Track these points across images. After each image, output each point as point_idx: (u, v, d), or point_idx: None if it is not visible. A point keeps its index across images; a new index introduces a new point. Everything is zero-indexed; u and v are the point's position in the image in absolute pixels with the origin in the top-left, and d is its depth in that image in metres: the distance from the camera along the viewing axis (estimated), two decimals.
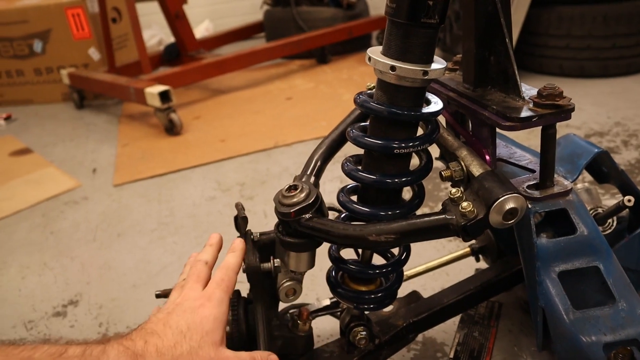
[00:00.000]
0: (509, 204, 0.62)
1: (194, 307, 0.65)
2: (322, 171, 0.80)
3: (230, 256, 0.76)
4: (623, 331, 0.65)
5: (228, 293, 0.69)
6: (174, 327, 0.61)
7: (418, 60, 0.65)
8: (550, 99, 0.64)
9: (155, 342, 0.59)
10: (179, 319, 0.63)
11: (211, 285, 0.70)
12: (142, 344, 0.58)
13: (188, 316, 0.63)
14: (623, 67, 2.54)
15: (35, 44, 3.16)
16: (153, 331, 0.61)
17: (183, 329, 0.61)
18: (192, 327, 0.62)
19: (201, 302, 0.65)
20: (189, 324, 0.62)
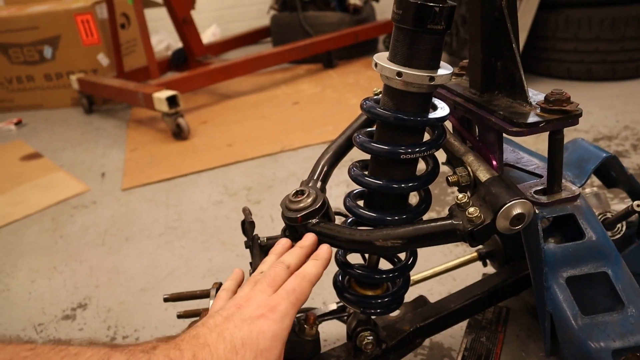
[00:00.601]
0: (516, 209, 0.62)
1: (254, 317, 0.59)
2: (328, 176, 0.80)
3: (311, 265, 0.67)
4: (632, 337, 0.64)
5: (296, 306, 0.62)
6: (227, 340, 0.56)
7: (424, 66, 0.65)
8: (557, 104, 0.64)
9: (204, 358, 0.54)
10: (235, 331, 0.57)
11: (280, 293, 0.62)
12: (190, 357, 0.53)
13: (245, 328, 0.57)
14: (631, 70, 2.52)
15: (45, 50, 3.19)
16: (205, 344, 0.55)
17: (237, 345, 0.56)
18: (247, 344, 0.56)
19: (263, 313, 0.59)
20: (244, 339, 0.56)
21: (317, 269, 0.67)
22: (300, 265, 0.68)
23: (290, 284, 0.64)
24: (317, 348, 0.85)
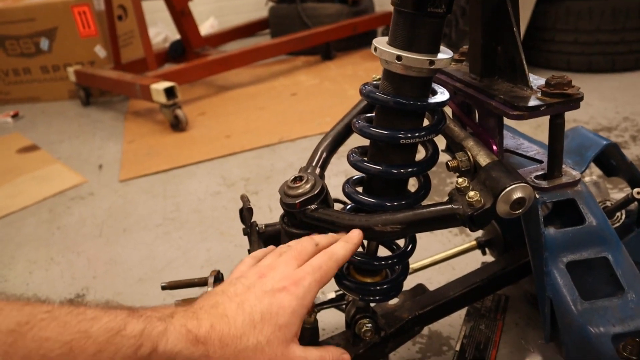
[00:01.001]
0: (516, 193, 0.61)
1: (275, 290, 0.57)
2: (327, 163, 0.80)
3: (340, 246, 0.64)
4: (632, 322, 0.64)
5: (320, 284, 0.60)
6: (247, 312, 0.54)
7: (424, 50, 0.64)
8: (558, 87, 0.64)
9: (222, 329, 0.53)
10: (256, 303, 0.55)
11: (305, 268, 0.60)
12: (208, 327, 0.52)
13: (266, 301, 0.55)
14: (632, 61, 2.51)
15: (42, 41, 3.17)
16: (223, 314, 0.54)
17: (256, 319, 0.54)
18: (266, 318, 0.54)
19: (285, 285, 0.57)
20: (263, 313, 0.55)
21: (345, 251, 0.64)
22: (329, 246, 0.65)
23: (317, 260, 0.62)
24: (315, 336, 0.84)
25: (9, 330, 0.43)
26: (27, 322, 0.44)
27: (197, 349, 0.51)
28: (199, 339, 0.51)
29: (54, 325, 0.45)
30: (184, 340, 0.51)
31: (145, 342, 0.48)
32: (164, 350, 0.49)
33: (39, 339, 0.44)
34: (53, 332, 0.45)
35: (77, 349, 0.45)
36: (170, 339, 0.50)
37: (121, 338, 0.47)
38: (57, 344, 0.44)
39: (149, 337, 0.49)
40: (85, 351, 0.45)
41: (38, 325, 0.44)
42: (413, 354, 1.03)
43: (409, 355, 1.03)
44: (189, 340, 0.51)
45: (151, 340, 0.49)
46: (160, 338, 0.49)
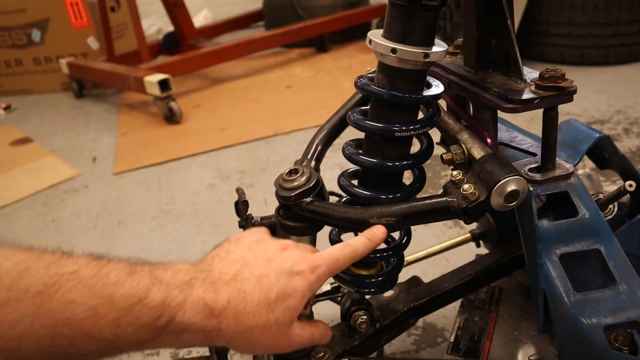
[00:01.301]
0: (510, 186, 0.62)
1: (293, 273, 0.58)
2: (322, 155, 0.80)
3: (362, 242, 0.65)
4: (624, 313, 0.65)
5: (331, 275, 0.62)
6: (264, 290, 0.55)
7: (419, 43, 0.64)
8: (552, 81, 0.64)
9: (238, 305, 0.54)
10: (274, 282, 0.56)
11: (324, 255, 0.61)
12: (225, 302, 0.53)
13: (282, 281, 0.56)
14: (625, 54, 2.52)
15: (33, 33, 3.14)
16: (242, 289, 0.55)
17: (271, 298, 0.55)
18: (280, 298, 0.56)
19: (303, 270, 0.58)
20: (279, 293, 0.56)
21: (365, 248, 0.65)
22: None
23: (335, 250, 0.63)
24: None
25: (37, 292, 0.43)
26: (54, 284, 0.45)
27: (210, 322, 0.53)
28: (214, 313, 0.53)
29: (79, 287, 0.46)
30: (200, 313, 0.52)
31: (164, 313, 0.50)
32: (180, 322, 0.51)
33: (64, 301, 0.45)
34: (78, 295, 0.45)
35: (100, 314, 0.46)
36: (187, 312, 0.51)
37: (142, 307, 0.48)
38: (82, 308, 0.45)
39: (167, 308, 0.50)
40: (107, 316, 0.46)
41: (64, 286, 0.45)
42: (408, 345, 1.04)
43: (403, 346, 1.04)
44: (205, 314, 0.52)
45: (169, 311, 0.50)
46: (178, 310, 0.51)
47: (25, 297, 0.43)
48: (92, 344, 0.47)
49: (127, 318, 0.48)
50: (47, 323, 0.44)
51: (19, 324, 0.43)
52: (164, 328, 0.50)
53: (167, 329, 0.50)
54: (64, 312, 0.44)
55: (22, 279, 0.43)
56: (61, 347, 0.45)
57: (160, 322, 0.49)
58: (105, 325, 0.47)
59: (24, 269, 0.44)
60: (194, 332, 0.52)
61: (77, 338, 0.45)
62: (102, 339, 0.47)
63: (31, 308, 0.43)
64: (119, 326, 0.47)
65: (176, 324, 0.51)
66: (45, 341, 0.44)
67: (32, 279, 0.44)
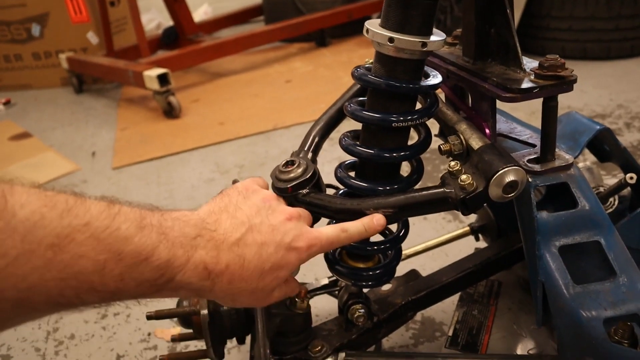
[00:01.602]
0: (509, 176, 0.61)
1: (291, 247, 0.60)
2: (319, 147, 0.79)
3: (357, 227, 0.65)
4: (624, 306, 0.64)
5: (317, 254, 0.63)
6: (262, 260, 0.58)
7: (417, 32, 0.63)
8: (551, 70, 0.63)
9: (234, 271, 0.56)
10: (272, 254, 0.58)
11: (322, 236, 0.63)
12: (223, 267, 0.55)
13: (280, 254, 0.59)
14: (626, 49, 2.51)
15: (33, 27, 3.13)
16: (242, 255, 0.57)
17: (265, 268, 0.58)
18: (273, 269, 0.59)
19: (300, 246, 0.60)
20: (273, 264, 0.58)
21: (359, 236, 0.65)
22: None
23: (332, 233, 0.64)
24: (308, 322, 0.84)
25: (49, 244, 0.43)
26: (66, 236, 0.44)
27: (205, 283, 0.55)
28: (211, 275, 0.55)
29: (90, 241, 0.46)
30: (198, 275, 0.54)
31: (166, 272, 0.51)
32: (180, 281, 0.53)
33: (75, 254, 0.45)
34: (88, 249, 0.46)
35: (107, 268, 0.47)
36: (187, 273, 0.53)
37: (146, 265, 0.50)
38: (91, 262, 0.46)
39: (170, 268, 0.52)
40: (113, 271, 0.47)
41: (76, 239, 0.45)
42: (406, 339, 1.03)
43: (402, 340, 1.03)
44: (202, 277, 0.54)
45: (171, 272, 0.52)
46: (179, 270, 0.52)
47: (38, 249, 0.43)
48: (96, 295, 0.48)
49: (132, 274, 0.49)
50: (57, 276, 0.44)
51: (30, 276, 0.43)
52: (164, 285, 0.52)
53: (166, 286, 0.52)
54: (74, 265, 0.45)
55: (36, 229, 0.43)
56: (67, 298, 0.46)
57: (162, 280, 0.51)
58: (111, 279, 0.47)
59: (39, 219, 0.43)
60: (189, 290, 0.55)
61: (83, 290, 0.46)
62: (106, 292, 0.48)
63: (43, 260, 0.43)
64: (123, 280, 0.48)
65: (175, 282, 0.53)
66: (54, 292, 0.45)
67: (46, 230, 0.44)
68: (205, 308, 0.81)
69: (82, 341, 1.19)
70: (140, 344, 1.16)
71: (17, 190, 0.44)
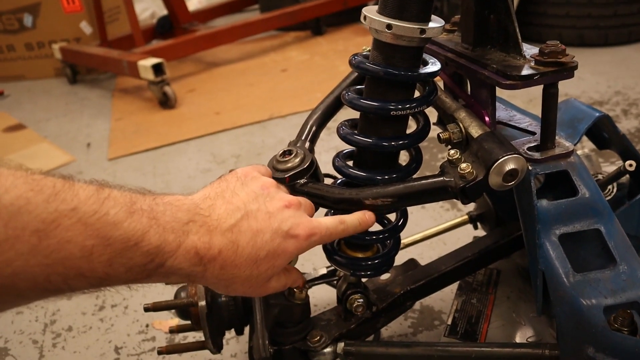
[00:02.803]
0: (509, 164, 0.60)
1: (289, 236, 0.58)
2: (317, 136, 0.78)
3: (354, 222, 0.65)
4: (624, 294, 0.63)
5: (318, 244, 0.62)
6: (257, 247, 0.56)
7: (415, 19, 0.62)
8: (552, 56, 0.62)
9: (227, 257, 0.55)
10: (268, 241, 0.57)
11: (321, 226, 0.61)
12: (215, 253, 0.54)
13: (276, 242, 0.57)
14: (624, 35, 2.50)
15: (25, 18, 3.09)
16: (236, 241, 0.55)
17: (260, 256, 0.56)
18: (269, 257, 0.57)
19: (299, 234, 0.59)
20: (269, 252, 0.57)
21: (354, 231, 0.65)
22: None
23: (331, 224, 0.63)
24: (307, 312, 0.84)
25: (34, 230, 0.42)
26: (52, 221, 0.43)
27: (197, 268, 0.54)
28: (202, 261, 0.54)
29: (77, 226, 0.45)
30: (189, 260, 0.53)
31: (155, 258, 0.50)
32: (170, 266, 0.52)
33: (61, 240, 0.44)
34: (75, 234, 0.44)
35: (95, 254, 0.46)
36: (178, 258, 0.52)
37: (136, 250, 0.49)
38: (78, 247, 0.45)
39: (160, 254, 0.50)
40: (101, 257, 0.46)
41: (63, 224, 0.44)
42: (405, 328, 1.03)
43: (401, 329, 1.03)
44: (194, 262, 0.53)
45: (161, 257, 0.51)
46: (170, 256, 0.51)
47: (23, 234, 0.42)
48: (84, 281, 0.47)
49: (121, 259, 0.48)
50: (43, 261, 0.43)
51: (14, 262, 0.42)
52: (154, 270, 0.51)
53: (156, 271, 0.51)
54: (60, 251, 0.44)
55: (21, 215, 0.42)
56: (54, 284, 0.45)
57: (152, 265, 0.50)
58: (99, 265, 0.47)
59: (24, 204, 0.42)
60: (180, 275, 0.54)
61: (71, 276, 0.45)
62: (94, 277, 0.47)
63: (28, 246, 0.42)
64: (112, 266, 0.47)
65: (166, 267, 0.51)
66: (40, 278, 0.44)
67: (31, 215, 0.42)
68: (203, 299, 0.81)
69: (80, 333, 1.19)
70: (138, 336, 1.16)
71: (2, 174, 0.43)
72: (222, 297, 0.84)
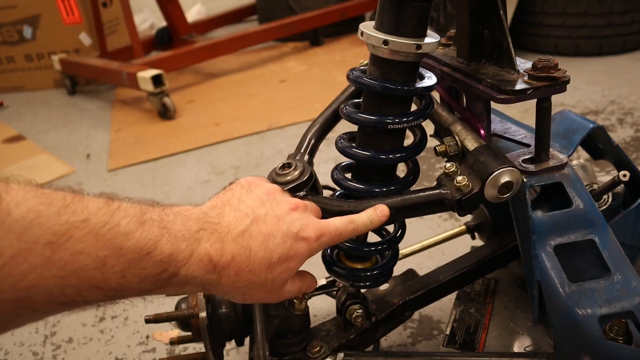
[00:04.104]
0: (504, 177, 0.62)
1: (299, 238, 0.58)
2: (316, 149, 0.79)
3: (364, 220, 0.64)
4: (618, 303, 0.64)
5: (330, 245, 0.63)
6: (269, 250, 0.56)
7: (411, 34, 0.64)
8: (545, 71, 0.63)
9: (241, 262, 0.55)
10: (280, 244, 0.57)
11: (330, 226, 0.61)
12: (229, 259, 0.54)
13: (287, 244, 0.58)
14: (618, 45, 2.52)
15: (24, 29, 3.11)
16: (248, 246, 0.55)
17: (273, 260, 0.57)
18: (281, 260, 0.57)
19: (309, 236, 0.59)
20: (281, 255, 0.57)
21: (365, 228, 0.65)
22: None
23: (340, 224, 0.63)
24: (306, 322, 0.84)
25: (47, 242, 0.43)
26: (64, 233, 0.44)
27: (212, 276, 0.54)
28: (216, 268, 0.54)
29: (89, 237, 0.45)
30: (203, 268, 0.53)
31: (169, 267, 0.50)
32: (184, 275, 0.52)
33: (74, 251, 0.44)
34: (87, 245, 0.45)
35: (108, 265, 0.46)
36: (191, 266, 0.52)
37: (149, 260, 0.49)
38: (91, 259, 0.45)
39: (173, 262, 0.51)
40: (114, 267, 0.47)
41: (75, 236, 0.44)
42: (404, 338, 1.04)
43: (400, 339, 1.04)
44: (208, 269, 0.53)
45: (175, 266, 0.51)
46: (184, 264, 0.51)
47: (36, 247, 0.42)
48: (98, 293, 0.47)
49: (134, 270, 0.48)
50: (57, 273, 0.43)
51: (29, 275, 0.42)
52: (168, 280, 0.51)
53: (170, 281, 0.51)
54: (73, 262, 0.44)
55: (32, 228, 0.42)
56: (69, 296, 0.45)
57: (165, 274, 0.50)
58: (112, 275, 0.47)
59: (35, 217, 0.43)
60: (195, 284, 0.53)
61: (85, 288, 0.46)
62: (108, 289, 0.47)
63: (41, 259, 0.43)
64: (125, 277, 0.47)
65: (180, 277, 0.51)
66: (55, 291, 0.44)
67: (43, 228, 0.43)
68: (203, 311, 0.81)
69: (80, 345, 1.19)
70: (138, 347, 1.16)
71: (12, 188, 0.43)
72: (222, 309, 0.85)
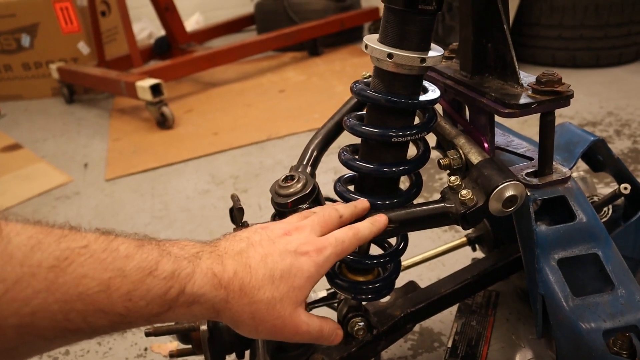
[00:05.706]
0: (508, 191, 0.62)
1: (299, 253, 0.58)
2: (318, 161, 0.79)
3: (366, 226, 0.65)
4: (622, 317, 0.64)
5: (338, 258, 0.62)
6: (269, 267, 0.56)
7: (415, 48, 0.64)
8: (549, 85, 0.64)
9: (244, 278, 0.55)
10: (278, 260, 0.57)
11: (329, 238, 0.61)
12: (231, 274, 0.54)
13: (287, 261, 0.57)
14: (615, 56, 2.54)
15: (23, 38, 3.11)
16: (247, 263, 0.56)
17: (275, 275, 0.56)
18: (284, 277, 0.57)
19: (308, 251, 0.59)
20: (283, 271, 0.57)
21: (369, 232, 0.65)
22: (349, 221, 0.66)
23: (341, 233, 0.62)
24: None
25: (49, 267, 0.43)
26: (66, 258, 0.44)
27: (219, 293, 0.53)
28: (222, 284, 0.53)
29: (91, 261, 0.45)
30: (209, 283, 0.53)
31: (174, 284, 0.50)
32: (191, 292, 0.51)
33: (77, 275, 0.44)
34: (90, 269, 0.45)
35: (113, 287, 0.46)
36: (197, 282, 0.52)
37: (152, 279, 0.49)
38: (94, 282, 0.45)
39: (178, 279, 0.50)
40: (119, 290, 0.46)
41: (76, 261, 0.45)
42: (405, 351, 1.03)
43: (401, 352, 1.03)
44: (214, 285, 0.53)
45: (180, 282, 0.51)
46: (188, 280, 0.51)
47: (39, 272, 0.43)
48: (104, 319, 0.47)
49: (139, 291, 0.48)
50: (61, 298, 0.44)
51: (32, 300, 0.42)
52: (175, 300, 0.50)
53: (177, 300, 0.51)
54: (76, 286, 0.44)
55: (34, 253, 0.43)
56: (74, 322, 0.45)
57: (171, 293, 0.50)
58: (118, 299, 0.47)
59: (36, 244, 0.43)
60: (203, 303, 0.53)
61: (90, 312, 0.45)
62: (114, 313, 0.47)
63: (44, 283, 0.43)
64: (131, 299, 0.47)
65: (187, 295, 0.51)
66: (59, 316, 0.44)
67: (44, 253, 0.43)
68: (204, 323, 0.81)
69: (77, 357, 1.18)
70: None
71: (11, 221, 0.44)
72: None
